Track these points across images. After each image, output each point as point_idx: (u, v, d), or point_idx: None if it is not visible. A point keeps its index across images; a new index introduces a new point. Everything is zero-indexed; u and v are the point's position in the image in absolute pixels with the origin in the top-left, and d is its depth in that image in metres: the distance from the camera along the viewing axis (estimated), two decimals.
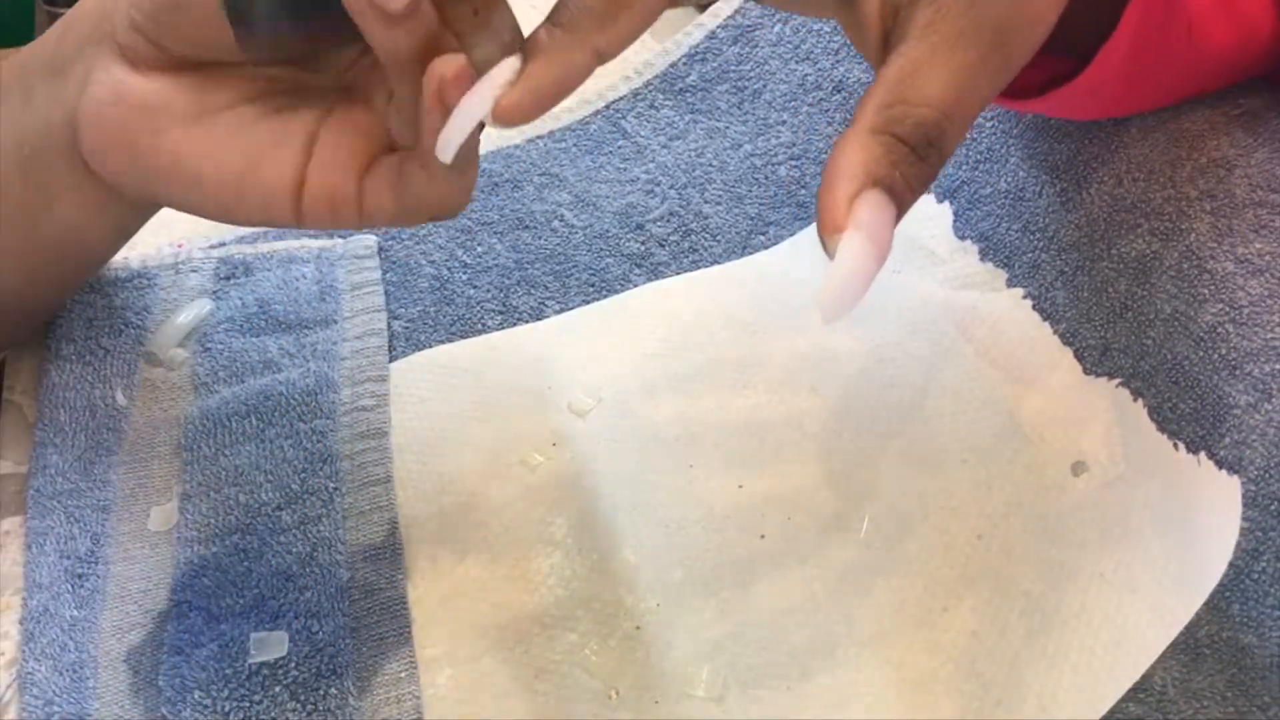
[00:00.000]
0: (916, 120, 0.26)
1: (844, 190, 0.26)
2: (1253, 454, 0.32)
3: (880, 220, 0.26)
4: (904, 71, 0.27)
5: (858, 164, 0.26)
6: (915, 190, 0.27)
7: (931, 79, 0.27)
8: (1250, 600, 0.31)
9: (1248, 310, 0.33)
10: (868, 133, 0.26)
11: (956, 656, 0.33)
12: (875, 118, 0.27)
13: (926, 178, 0.27)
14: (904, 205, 0.27)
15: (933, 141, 0.27)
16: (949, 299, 0.41)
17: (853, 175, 0.26)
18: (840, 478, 0.38)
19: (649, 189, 0.48)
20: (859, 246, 0.25)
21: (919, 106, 0.27)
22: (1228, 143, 0.36)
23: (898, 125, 0.26)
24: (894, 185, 0.26)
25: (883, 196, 0.26)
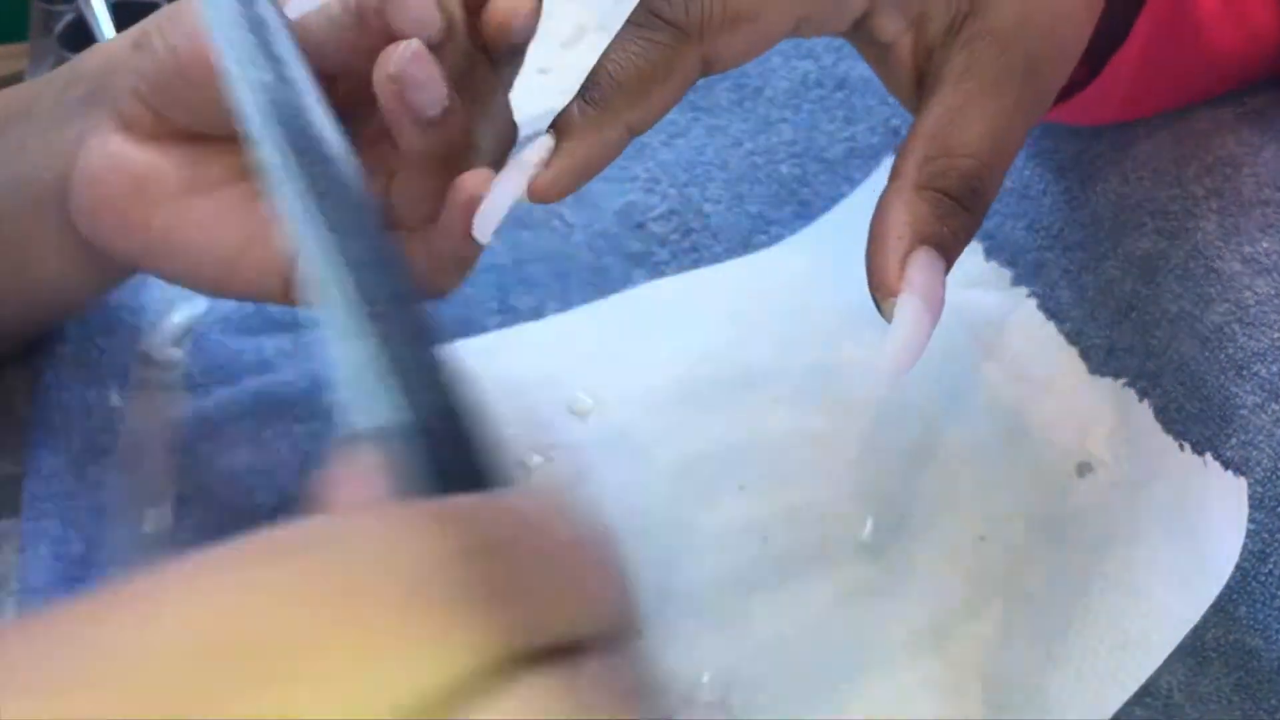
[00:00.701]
0: (961, 172, 0.27)
1: (895, 251, 0.26)
2: (1260, 455, 0.32)
3: (932, 279, 0.26)
4: (942, 122, 0.27)
5: (905, 224, 0.26)
6: (963, 240, 0.27)
7: (970, 127, 0.27)
8: (1257, 603, 0.30)
9: (1255, 310, 0.33)
10: (912, 190, 0.26)
11: (960, 659, 0.32)
12: (919, 173, 0.27)
13: (973, 227, 0.27)
14: (952, 257, 0.27)
15: (977, 190, 0.27)
16: (953, 298, 0.41)
17: (901, 234, 0.26)
18: (843, 479, 0.37)
19: (649, 187, 0.48)
20: (915, 309, 0.26)
21: (961, 158, 0.27)
22: (1234, 141, 0.36)
23: (941, 179, 0.27)
24: (943, 240, 0.26)
25: (932, 254, 0.26)
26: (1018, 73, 0.27)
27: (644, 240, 0.46)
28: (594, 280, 0.45)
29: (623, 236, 0.46)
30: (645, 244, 0.46)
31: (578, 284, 0.44)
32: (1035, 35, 0.27)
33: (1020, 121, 0.28)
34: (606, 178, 0.48)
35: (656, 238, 0.46)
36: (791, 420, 0.39)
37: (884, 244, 0.26)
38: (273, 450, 0.38)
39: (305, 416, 0.39)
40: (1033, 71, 0.27)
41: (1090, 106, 0.36)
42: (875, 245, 0.26)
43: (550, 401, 0.40)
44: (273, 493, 0.37)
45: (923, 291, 0.26)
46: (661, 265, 0.45)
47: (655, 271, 0.45)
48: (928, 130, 0.27)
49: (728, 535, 0.36)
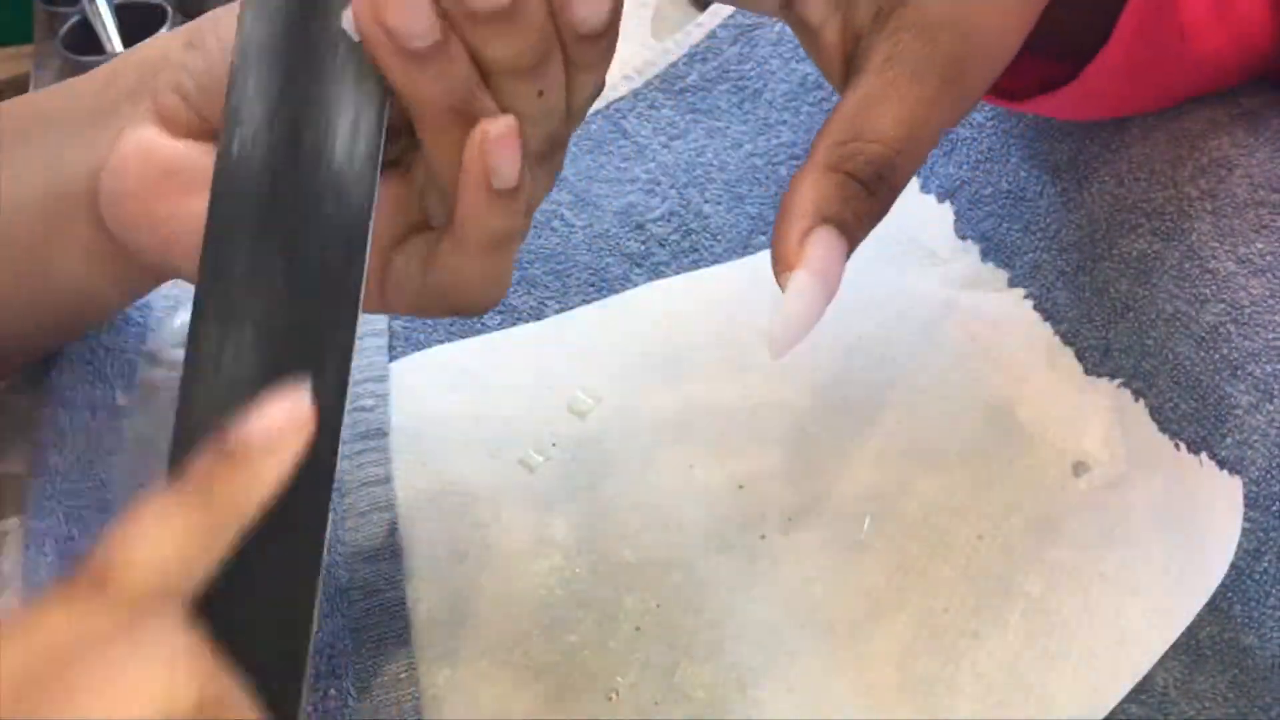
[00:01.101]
0: (868, 157, 0.27)
1: (796, 228, 0.27)
2: (1254, 454, 0.32)
3: (829, 258, 0.27)
4: (858, 107, 0.27)
5: (809, 201, 0.27)
6: (866, 225, 0.28)
7: (885, 114, 0.27)
8: (1252, 601, 0.31)
9: (1249, 310, 0.33)
10: (821, 170, 0.27)
11: (957, 657, 0.33)
12: (828, 155, 0.27)
13: (878, 212, 0.28)
14: (855, 239, 0.27)
15: (884, 176, 0.27)
16: (950, 299, 0.41)
17: (804, 213, 0.27)
18: (841, 478, 0.37)
19: (649, 188, 0.48)
20: (808, 285, 0.26)
21: (871, 143, 0.27)
22: (1229, 142, 0.36)
23: (849, 162, 0.27)
24: (845, 222, 0.27)
25: (833, 234, 0.27)
26: (940, 67, 0.27)
27: (644, 241, 0.46)
28: (594, 280, 0.45)
29: (623, 237, 0.46)
30: (645, 244, 0.46)
31: (578, 284, 0.45)
32: (962, 33, 0.28)
33: (940, 115, 0.28)
34: (607, 179, 0.49)
35: (656, 238, 0.46)
36: (792, 421, 0.39)
37: (788, 221, 0.27)
38: None
39: None
40: (956, 68, 0.28)
41: (1076, 103, 0.36)
42: (780, 222, 0.27)
43: (550, 401, 0.41)
44: None
45: (818, 268, 0.26)
46: (661, 265, 0.45)
47: (655, 271, 0.45)
48: (844, 114, 0.27)
49: (727, 534, 0.37)
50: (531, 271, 0.45)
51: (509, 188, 0.27)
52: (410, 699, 0.33)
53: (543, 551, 0.36)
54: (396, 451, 0.39)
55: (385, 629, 0.35)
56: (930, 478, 0.37)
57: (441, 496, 0.38)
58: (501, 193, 0.27)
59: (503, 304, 0.44)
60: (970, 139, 0.44)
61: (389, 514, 0.37)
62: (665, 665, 0.34)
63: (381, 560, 0.36)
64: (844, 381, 0.40)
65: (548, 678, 0.34)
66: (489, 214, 0.28)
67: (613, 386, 0.41)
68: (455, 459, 0.39)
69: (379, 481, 0.38)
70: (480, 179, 0.27)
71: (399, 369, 0.42)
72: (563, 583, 0.36)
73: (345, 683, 0.33)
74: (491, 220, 0.28)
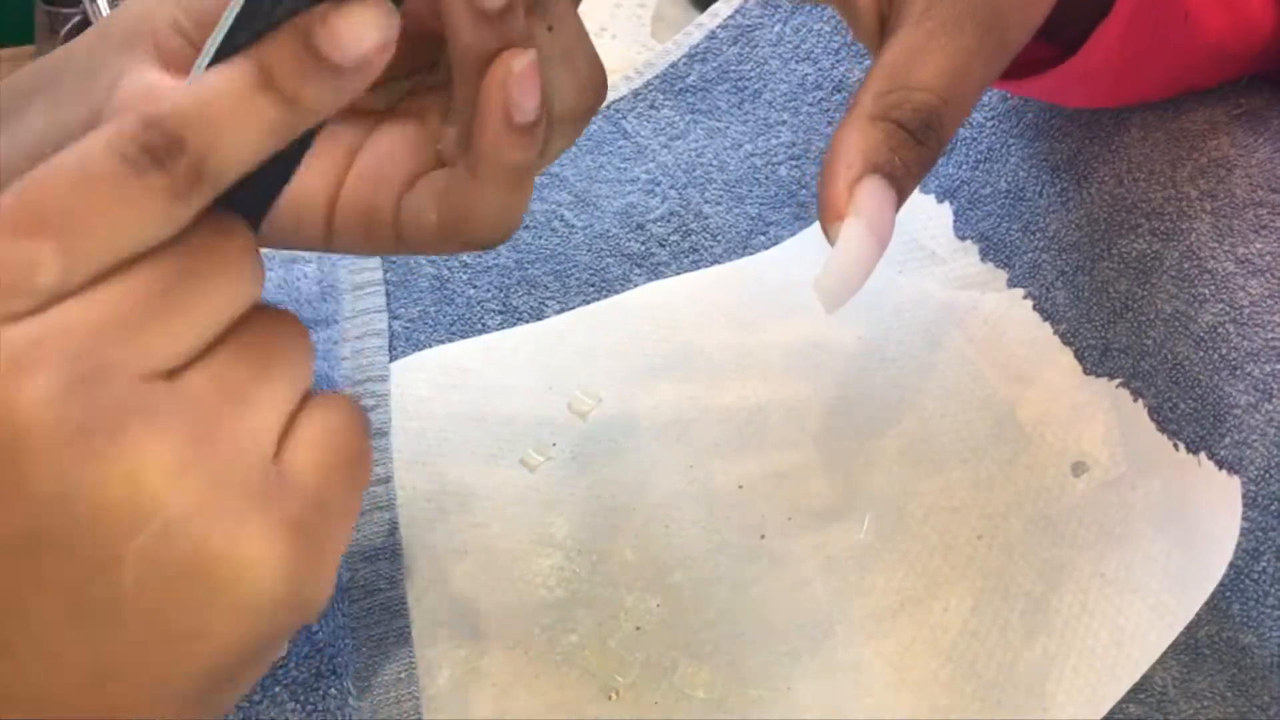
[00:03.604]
0: (915, 105, 0.27)
1: (844, 178, 0.26)
2: (1253, 454, 0.32)
3: (881, 207, 0.26)
4: (900, 57, 0.27)
5: (857, 151, 0.26)
6: (916, 175, 0.27)
7: (928, 64, 0.27)
8: (1250, 600, 0.31)
9: (1248, 310, 0.33)
10: (866, 119, 0.26)
11: (957, 657, 0.33)
12: (874, 104, 0.27)
13: (926, 162, 0.27)
14: (904, 190, 0.27)
15: (931, 125, 0.27)
16: (950, 299, 0.41)
17: (852, 162, 0.26)
18: (840, 478, 0.38)
19: (649, 189, 0.48)
20: (860, 233, 0.26)
21: (917, 91, 0.27)
22: (1228, 142, 0.36)
23: (896, 111, 0.26)
24: (894, 171, 0.26)
25: (882, 183, 0.26)
26: (980, 13, 0.27)
27: (644, 241, 0.46)
28: (594, 280, 0.45)
29: (623, 237, 0.46)
30: (645, 244, 0.46)
31: (578, 284, 0.45)
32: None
33: (982, 64, 0.27)
34: (607, 179, 0.49)
35: (656, 238, 0.46)
36: (792, 421, 0.39)
37: (834, 171, 0.26)
38: None
39: None
40: (995, 17, 0.27)
41: (1075, 84, 0.36)
42: (826, 173, 0.26)
43: (550, 401, 0.41)
44: None
45: (869, 217, 0.26)
46: (661, 265, 0.45)
47: (655, 272, 0.45)
48: (886, 65, 0.27)
49: (727, 533, 0.37)
50: (532, 272, 0.45)
51: (529, 122, 0.27)
52: (410, 699, 0.33)
53: (543, 551, 0.37)
54: (396, 451, 0.39)
55: (385, 628, 0.35)
56: (930, 478, 0.37)
57: (441, 496, 0.38)
58: (522, 127, 0.27)
59: (503, 304, 0.44)
60: (970, 139, 0.44)
61: (389, 514, 0.37)
62: (665, 665, 0.34)
63: (381, 560, 0.36)
64: (844, 381, 0.40)
65: (548, 677, 0.34)
66: (509, 148, 0.27)
67: (613, 386, 0.41)
68: (455, 459, 0.39)
69: (379, 481, 0.38)
70: (502, 113, 0.26)
71: (399, 369, 0.42)
72: (563, 583, 0.36)
73: (345, 682, 0.33)
74: (511, 154, 0.27)
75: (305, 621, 0.22)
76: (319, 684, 0.32)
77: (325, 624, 0.34)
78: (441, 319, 0.44)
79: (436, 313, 0.44)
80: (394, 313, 0.44)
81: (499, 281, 0.45)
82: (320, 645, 0.33)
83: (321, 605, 0.22)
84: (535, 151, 0.28)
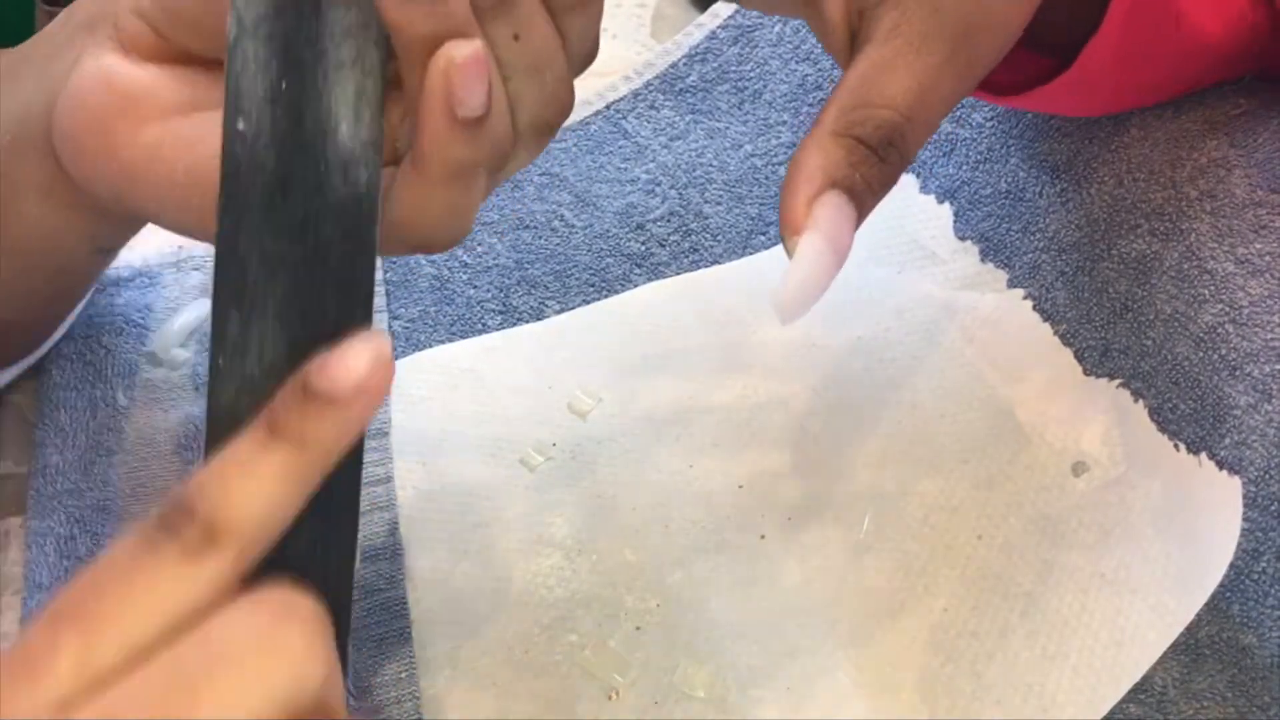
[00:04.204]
0: (877, 122, 0.27)
1: (804, 193, 0.26)
2: (1253, 454, 0.32)
3: (839, 222, 0.26)
4: (867, 74, 0.27)
5: (817, 166, 0.26)
6: (877, 192, 0.27)
7: (894, 81, 0.27)
8: (1251, 601, 0.31)
9: (1248, 311, 0.33)
10: (828, 135, 0.27)
11: (957, 657, 0.33)
12: (836, 121, 0.27)
13: (888, 179, 0.27)
14: (865, 207, 0.27)
15: (894, 143, 0.27)
16: (949, 299, 0.41)
17: (811, 177, 0.26)
18: (840, 478, 0.38)
19: (649, 189, 0.48)
20: (818, 248, 0.26)
21: (881, 109, 0.27)
22: (1228, 143, 0.36)
23: (858, 127, 0.27)
24: (854, 187, 0.26)
25: (841, 198, 0.26)
26: (948, 32, 0.27)
27: (644, 241, 0.46)
28: (594, 280, 0.45)
29: (623, 237, 0.46)
30: (645, 245, 0.46)
31: (578, 284, 0.45)
32: (969, 2, 0.27)
33: (948, 83, 0.28)
34: (607, 179, 0.49)
35: (656, 238, 0.46)
36: (792, 420, 0.39)
37: (795, 186, 0.26)
38: None
39: None
40: (964, 36, 0.27)
41: (1070, 96, 0.36)
42: (786, 187, 0.26)
43: (550, 401, 0.41)
44: None
45: (827, 231, 0.26)
46: (661, 266, 0.45)
47: (655, 272, 0.45)
48: (851, 81, 0.27)
49: (727, 533, 0.37)
50: (532, 271, 0.45)
51: (473, 117, 0.26)
52: (410, 699, 0.33)
53: (543, 551, 0.37)
54: (396, 451, 0.39)
55: (385, 628, 0.35)
56: (930, 478, 0.37)
57: (441, 496, 0.38)
58: (465, 121, 0.26)
59: (503, 304, 0.44)
60: (970, 139, 0.44)
61: (389, 514, 0.37)
62: (665, 665, 0.34)
63: (381, 560, 0.36)
64: (844, 381, 0.40)
65: (548, 678, 0.34)
66: (451, 143, 0.26)
67: (613, 386, 0.41)
68: (455, 459, 0.39)
69: (379, 481, 0.38)
70: (443, 105, 0.26)
71: (399, 369, 0.42)
72: (563, 583, 0.36)
73: (345, 682, 0.33)
74: (453, 150, 0.26)
75: None
76: None
77: None
78: (441, 319, 0.44)
79: (436, 313, 0.44)
80: (394, 313, 0.44)
81: (499, 281, 0.45)
82: None
83: None
84: (482, 150, 0.27)
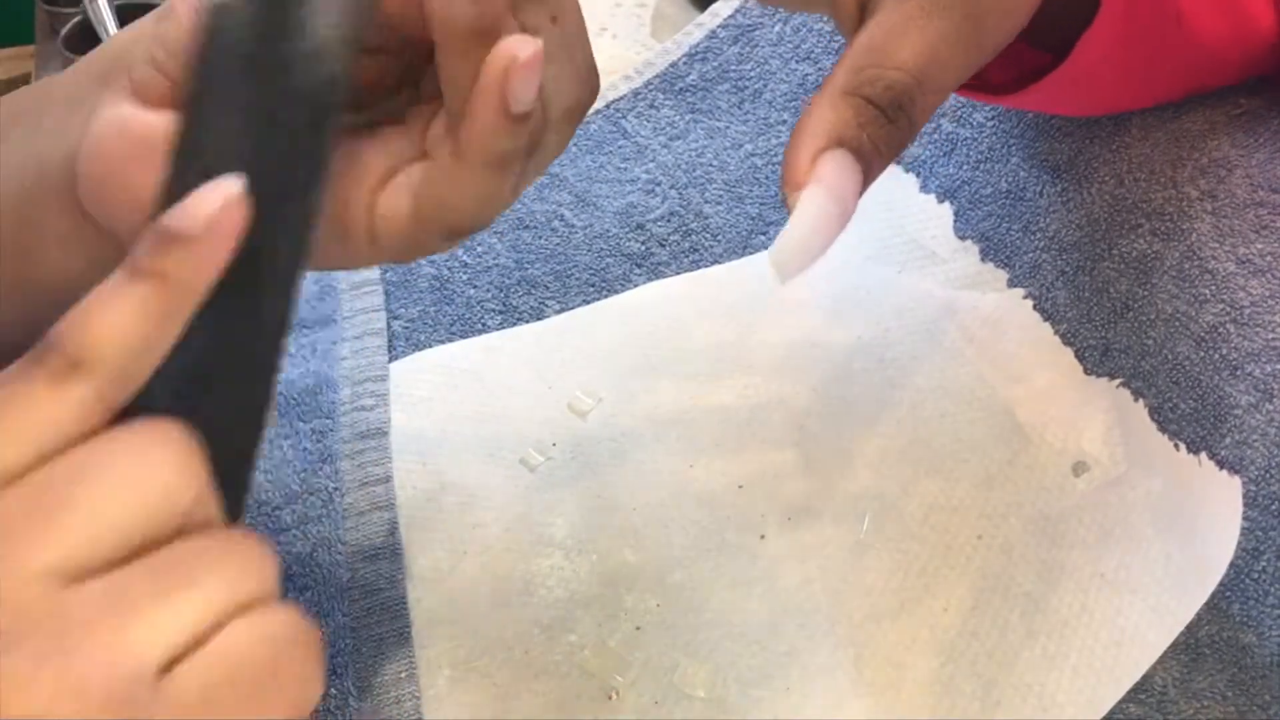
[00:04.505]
0: (887, 83, 0.26)
1: (808, 148, 0.25)
2: (1254, 454, 0.32)
3: (844, 179, 0.25)
4: (877, 37, 0.27)
5: (824, 123, 0.26)
6: (884, 154, 0.26)
7: (905, 44, 0.26)
8: (1251, 600, 0.31)
9: (1249, 310, 0.33)
10: (838, 93, 0.26)
11: (956, 657, 0.33)
12: (846, 79, 0.26)
13: (896, 142, 0.27)
14: (872, 169, 0.26)
15: (903, 105, 0.26)
16: (950, 299, 0.41)
17: (817, 135, 0.26)
18: (840, 478, 0.38)
19: (649, 189, 0.48)
20: (820, 201, 0.25)
21: (890, 70, 0.26)
22: (1229, 143, 0.36)
23: (868, 87, 0.26)
24: (861, 147, 0.26)
25: (848, 157, 0.26)
26: (959, 5, 0.27)
27: (644, 241, 0.46)
28: (594, 280, 0.45)
29: (623, 237, 0.46)
30: (645, 244, 0.46)
31: (578, 284, 0.45)
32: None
33: (959, 52, 0.27)
34: (607, 179, 0.49)
35: (656, 238, 0.46)
36: (792, 420, 0.39)
37: (799, 141, 0.26)
38: (277, 448, 0.38)
39: (309, 415, 0.39)
40: (975, 8, 0.27)
41: (1069, 93, 0.36)
42: (791, 144, 0.26)
43: (550, 401, 0.41)
44: (278, 490, 0.37)
45: (831, 186, 0.25)
46: (661, 265, 0.45)
47: (655, 272, 0.45)
48: (863, 43, 0.27)
49: (727, 533, 0.37)
50: (532, 271, 0.45)
51: (524, 111, 0.26)
52: (410, 698, 0.33)
53: (543, 551, 0.36)
54: (396, 451, 0.39)
55: (385, 628, 0.35)
56: (930, 478, 0.37)
57: (441, 496, 0.38)
58: (516, 116, 0.26)
59: (503, 304, 0.44)
60: (970, 139, 0.44)
61: (389, 514, 0.37)
62: (665, 665, 0.34)
63: (381, 560, 0.36)
64: (844, 381, 0.40)
65: (548, 678, 0.34)
66: (500, 136, 0.26)
67: (613, 386, 0.41)
68: (455, 459, 0.39)
69: (379, 481, 0.38)
70: (498, 100, 0.26)
71: (399, 369, 0.42)
72: (563, 583, 0.36)
73: (345, 682, 0.33)
74: (501, 142, 0.27)
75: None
76: None
77: (325, 624, 0.34)
78: (441, 319, 0.44)
79: (436, 313, 0.44)
80: (394, 313, 0.44)
81: (499, 281, 0.45)
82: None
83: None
84: (522, 139, 0.27)
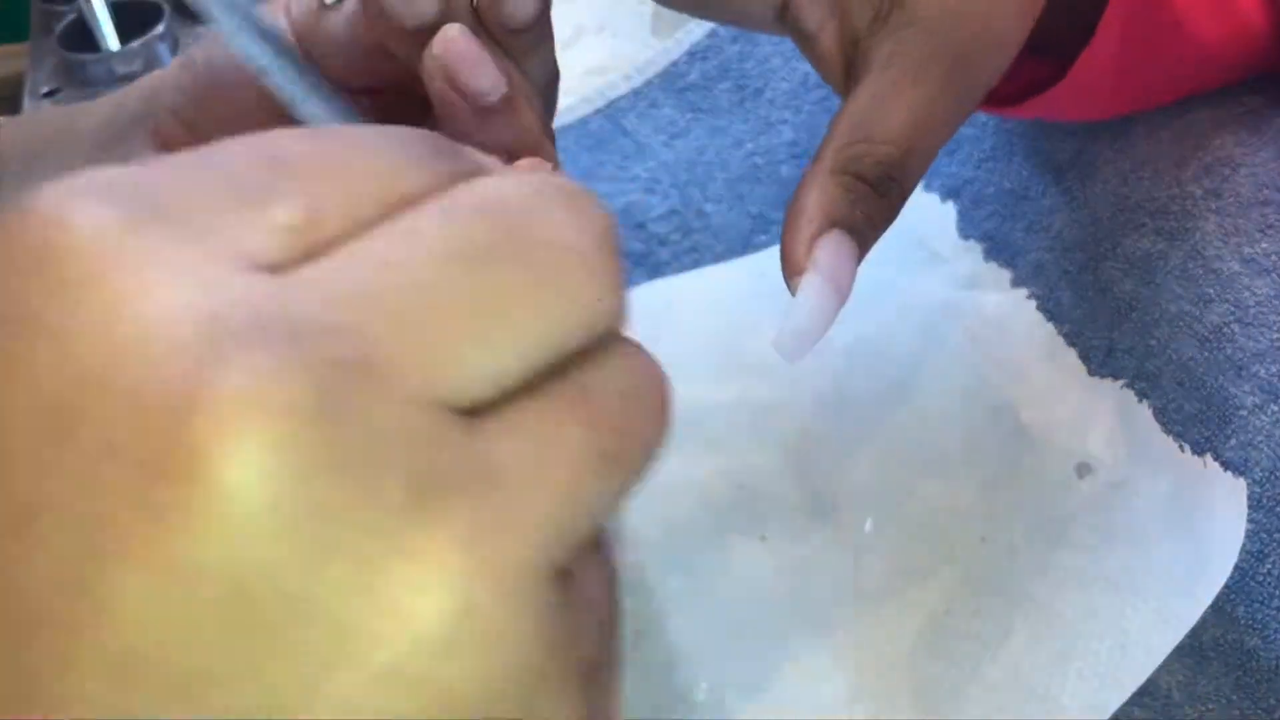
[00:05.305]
0: (876, 158, 0.27)
1: (805, 232, 0.26)
2: (1259, 455, 0.32)
3: (840, 260, 0.26)
4: (864, 108, 0.27)
5: (817, 205, 0.26)
6: (878, 226, 0.27)
7: (892, 114, 0.27)
8: (1256, 603, 0.30)
9: (1254, 310, 0.33)
10: (827, 173, 0.27)
11: (960, 660, 0.32)
12: (835, 158, 0.27)
13: (888, 213, 0.27)
14: (866, 241, 0.27)
15: (893, 177, 0.27)
16: (953, 299, 0.41)
17: (812, 217, 0.26)
18: (842, 479, 0.37)
19: (650, 187, 0.48)
20: (819, 288, 0.26)
21: (879, 144, 0.27)
22: (1233, 141, 0.36)
23: (857, 164, 0.27)
24: (854, 224, 0.27)
25: (843, 237, 0.26)
26: (944, 62, 0.27)
27: (644, 240, 0.46)
28: None
29: (623, 236, 0.46)
30: (646, 244, 0.46)
31: None
32: (964, 25, 0.27)
33: (948, 111, 0.28)
34: (607, 178, 0.48)
35: (657, 238, 0.46)
36: (792, 421, 0.39)
37: (795, 224, 0.27)
38: None
39: None
40: (961, 61, 0.27)
41: (1069, 103, 0.36)
42: (787, 226, 0.27)
43: None
44: None
45: (828, 272, 0.26)
46: (661, 265, 0.45)
47: (655, 271, 0.45)
48: (850, 116, 0.27)
49: (727, 533, 0.36)
50: None
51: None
52: None
53: None
54: None
55: None
56: (933, 479, 0.37)
57: None
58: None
59: None
60: (973, 138, 0.43)
61: None
62: (665, 665, 0.33)
63: None
64: (845, 382, 0.40)
65: None
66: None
67: None
68: None
69: None
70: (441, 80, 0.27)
71: None
72: None
73: None
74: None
75: None
76: None
77: None
78: None
79: None
80: None
81: None
82: None
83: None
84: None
